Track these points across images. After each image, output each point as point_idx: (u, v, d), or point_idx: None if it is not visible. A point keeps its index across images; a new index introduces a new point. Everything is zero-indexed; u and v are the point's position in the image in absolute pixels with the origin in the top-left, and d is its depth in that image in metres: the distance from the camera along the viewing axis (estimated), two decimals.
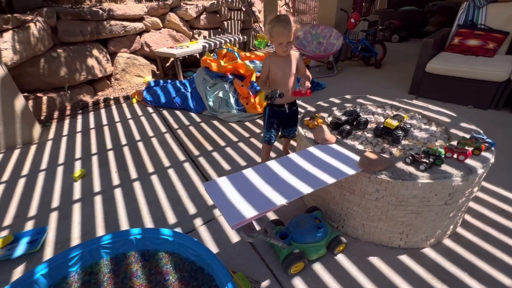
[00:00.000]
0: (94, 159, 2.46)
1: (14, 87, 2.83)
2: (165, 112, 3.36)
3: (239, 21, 6.61)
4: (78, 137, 2.88)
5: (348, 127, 1.58)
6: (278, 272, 1.37)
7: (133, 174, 2.22)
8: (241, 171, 1.27)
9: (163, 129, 2.95)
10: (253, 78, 3.08)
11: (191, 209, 1.82)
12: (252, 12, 6.92)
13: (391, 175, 1.25)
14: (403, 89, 3.67)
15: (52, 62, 3.55)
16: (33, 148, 2.72)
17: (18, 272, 1.48)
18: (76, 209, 1.89)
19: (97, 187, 2.10)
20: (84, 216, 1.82)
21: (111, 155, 2.51)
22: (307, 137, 1.60)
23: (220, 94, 3.04)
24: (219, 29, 6.17)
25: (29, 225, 1.77)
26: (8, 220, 1.83)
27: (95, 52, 3.99)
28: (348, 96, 2.22)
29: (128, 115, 3.33)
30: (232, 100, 3.01)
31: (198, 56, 5.36)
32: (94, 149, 2.63)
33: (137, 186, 2.08)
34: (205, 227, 1.68)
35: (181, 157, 2.42)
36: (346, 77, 4.34)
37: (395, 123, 1.48)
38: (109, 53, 4.24)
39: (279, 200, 1.07)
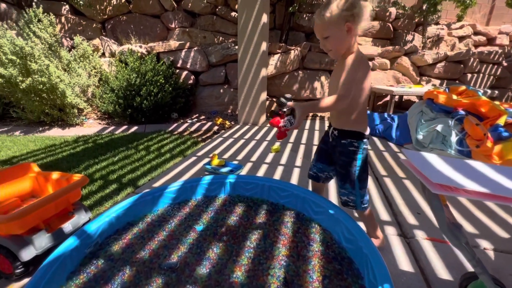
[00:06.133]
0: (289, 145, 2.85)
1: (265, 87, 3.97)
2: None
3: (492, 76, 5.27)
4: None
5: None
6: None
7: None
8: (465, 160, 0.89)
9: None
10: (501, 121, 2.25)
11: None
12: None
13: None
14: None
15: (291, 79, 4.65)
16: (255, 128, 3.65)
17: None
18: (263, 167, 2.26)
19: (283, 161, 2.40)
20: (265, 174, 2.12)
21: (302, 147, 2.80)
22: None
23: (438, 128, 2.49)
24: (457, 81, 5.25)
25: (235, 161, 2.34)
26: (226, 155, 2.53)
27: (322, 78, 4.76)
28: None
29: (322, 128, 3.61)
30: (453, 138, 2.36)
31: (417, 100, 4.84)
32: (291, 140, 3.07)
33: None
34: None
35: None
36: None
37: None
38: None
39: None
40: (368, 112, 3.92)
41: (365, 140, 1.11)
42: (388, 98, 4.83)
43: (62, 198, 1.20)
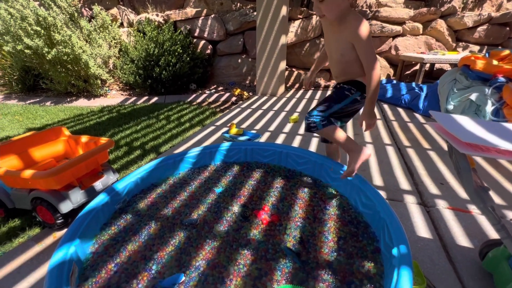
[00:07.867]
0: None
1: (284, 55, 3.81)
2: (385, 106, 3.12)
3: None
4: (304, 101, 3.41)
5: None
6: None
7: None
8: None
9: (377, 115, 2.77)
10: None
11: (378, 180, 1.55)
12: None
13: None
14: None
15: (312, 47, 4.41)
16: (274, 99, 3.58)
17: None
18: (281, 137, 2.25)
19: (301, 131, 2.37)
20: (283, 143, 2.11)
21: None
22: None
23: (472, 97, 2.30)
24: (500, 47, 4.71)
25: (253, 131, 2.35)
26: (244, 125, 2.54)
27: None
28: None
29: None
30: (488, 108, 2.18)
31: (450, 68, 4.45)
32: None
33: None
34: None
35: (386, 140, 2.13)
36: None
37: None
38: None
39: None
40: (394, 81, 3.69)
41: (360, 93, 1.17)
42: (417, 67, 4.48)
43: (92, 159, 1.29)
